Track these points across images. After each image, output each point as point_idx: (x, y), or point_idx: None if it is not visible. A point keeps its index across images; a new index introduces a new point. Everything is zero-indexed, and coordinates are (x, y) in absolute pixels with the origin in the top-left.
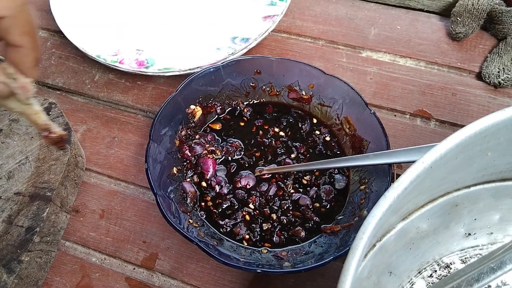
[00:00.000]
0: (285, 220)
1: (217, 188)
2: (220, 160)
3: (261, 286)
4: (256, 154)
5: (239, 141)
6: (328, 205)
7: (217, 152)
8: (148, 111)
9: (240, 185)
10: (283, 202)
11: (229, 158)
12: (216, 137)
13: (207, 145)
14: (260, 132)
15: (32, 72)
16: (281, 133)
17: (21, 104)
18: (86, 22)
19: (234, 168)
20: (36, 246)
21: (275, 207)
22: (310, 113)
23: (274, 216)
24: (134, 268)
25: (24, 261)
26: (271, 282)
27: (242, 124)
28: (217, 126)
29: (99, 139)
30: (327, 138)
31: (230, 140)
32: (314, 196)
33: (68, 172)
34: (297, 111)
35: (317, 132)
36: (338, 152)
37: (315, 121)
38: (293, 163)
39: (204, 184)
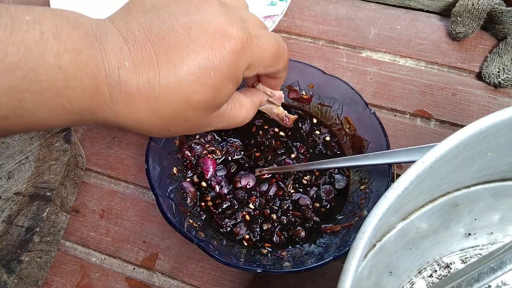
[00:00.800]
0: (285, 220)
1: (217, 188)
2: (220, 160)
3: (261, 286)
4: (256, 154)
5: (239, 141)
6: (328, 205)
7: (217, 152)
8: None
9: (240, 185)
10: (283, 202)
11: (229, 158)
12: (216, 137)
13: (207, 145)
14: (260, 132)
15: (279, 87)
16: (281, 133)
17: (269, 105)
18: None
19: (234, 168)
20: (36, 246)
21: (275, 207)
22: (310, 113)
23: (274, 216)
24: (134, 268)
25: (24, 261)
26: (271, 282)
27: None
28: None
29: (99, 139)
30: (327, 138)
31: (230, 140)
32: (314, 196)
33: (68, 172)
34: (297, 111)
35: (317, 132)
36: (338, 152)
37: (315, 121)
38: (293, 163)
39: (204, 184)
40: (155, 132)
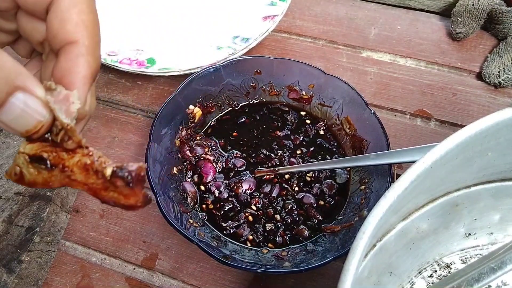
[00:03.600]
0: (289, 219)
1: (217, 192)
2: (220, 169)
3: (261, 286)
4: (259, 157)
5: (240, 153)
6: (332, 200)
7: (217, 163)
8: (148, 111)
9: (241, 191)
10: (286, 202)
11: (230, 166)
12: (219, 145)
13: (206, 149)
14: (255, 131)
15: (76, 82)
16: (278, 132)
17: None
18: None
19: (233, 173)
20: (36, 246)
21: (279, 207)
22: (290, 104)
23: (277, 217)
24: (134, 268)
25: (24, 261)
26: (271, 282)
27: (235, 134)
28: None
29: (99, 139)
30: (321, 132)
31: (232, 151)
32: (318, 193)
33: None
34: (283, 107)
35: (308, 122)
36: (335, 144)
37: (303, 113)
38: (297, 163)
39: (202, 188)
40: None
